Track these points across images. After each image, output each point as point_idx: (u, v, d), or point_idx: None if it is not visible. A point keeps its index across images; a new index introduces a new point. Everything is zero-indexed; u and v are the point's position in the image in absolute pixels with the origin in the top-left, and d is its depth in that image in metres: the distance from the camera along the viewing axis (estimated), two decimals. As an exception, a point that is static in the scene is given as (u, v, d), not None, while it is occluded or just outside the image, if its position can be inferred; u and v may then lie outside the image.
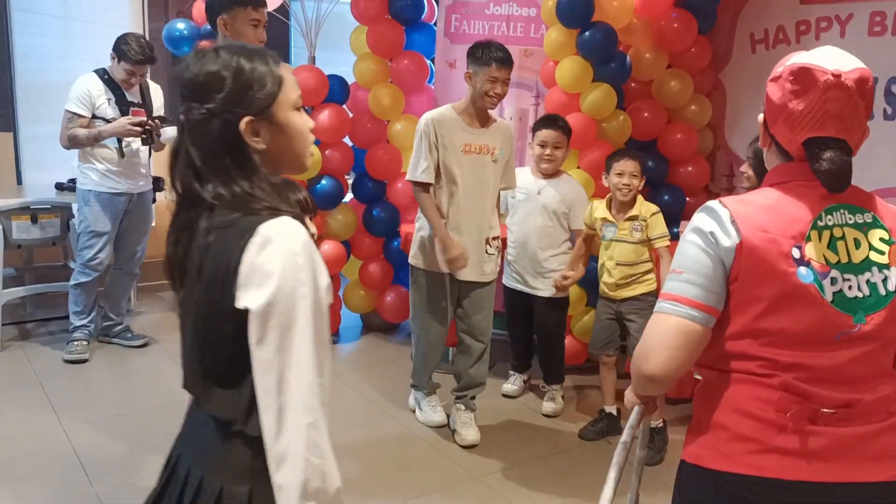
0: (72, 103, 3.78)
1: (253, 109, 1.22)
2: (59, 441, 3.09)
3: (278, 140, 1.25)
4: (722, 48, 4.15)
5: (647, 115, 3.91)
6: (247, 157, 1.22)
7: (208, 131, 1.21)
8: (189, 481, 1.28)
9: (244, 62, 1.23)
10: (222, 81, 1.21)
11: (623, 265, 3.21)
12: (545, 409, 3.56)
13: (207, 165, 1.22)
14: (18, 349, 4.01)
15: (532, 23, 4.10)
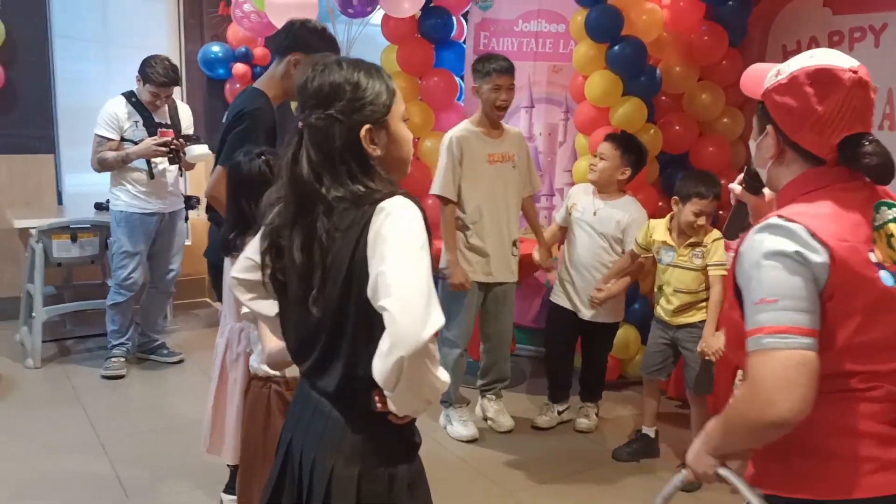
0: (100, 127, 3.87)
1: (371, 119, 1.34)
2: (97, 455, 3.14)
3: (390, 147, 1.38)
4: (753, 60, 4.08)
5: (678, 128, 3.88)
6: (366, 162, 1.34)
7: (330, 136, 1.33)
8: (304, 463, 1.41)
9: (364, 76, 1.36)
10: (345, 91, 1.34)
11: (682, 293, 3.06)
12: (579, 425, 3.51)
13: (327, 168, 1.33)
14: (58, 365, 4.09)
15: (561, 38, 4.12)
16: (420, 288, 1.22)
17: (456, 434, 3.40)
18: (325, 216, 1.32)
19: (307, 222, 1.34)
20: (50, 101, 4.72)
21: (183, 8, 5.10)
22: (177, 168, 3.98)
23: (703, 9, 3.74)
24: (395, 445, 1.41)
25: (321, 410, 1.40)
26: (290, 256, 1.36)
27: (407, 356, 1.18)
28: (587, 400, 3.56)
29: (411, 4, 3.92)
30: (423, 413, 1.37)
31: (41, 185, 4.73)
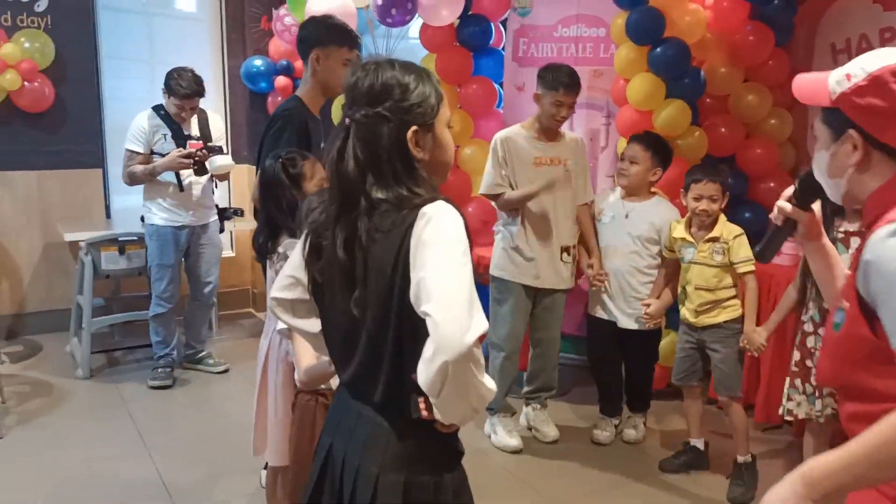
0: (129, 141, 3.90)
1: (419, 121, 1.35)
2: (145, 463, 3.17)
3: (435, 151, 1.39)
4: (801, 60, 4.01)
5: (724, 130, 3.79)
6: (410, 164, 1.35)
7: (377, 134, 1.33)
8: (346, 469, 1.40)
9: (415, 78, 1.36)
10: (395, 91, 1.34)
11: (702, 290, 3.00)
12: (627, 436, 3.43)
13: (372, 167, 1.33)
14: (107, 376, 4.17)
15: (601, 43, 4.07)
16: (462, 292, 1.22)
17: (500, 444, 3.36)
18: (367, 215, 1.32)
19: (349, 220, 1.34)
20: (98, 118, 4.84)
21: (225, 24, 5.20)
22: (206, 179, 3.98)
23: (747, 8, 3.66)
24: (440, 453, 1.40)
25: (365, 417, 1.39)
26: (332, 255, 1.36)
27: (451, 361, 1.17)
28: (634, 411, 3.48)
29: (449, 12, 3.93)
30: (469, 421, 1.34)
31: (90, 199, 4.84)
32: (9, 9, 4.46)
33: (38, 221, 4.73)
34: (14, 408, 3.69)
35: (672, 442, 3.36)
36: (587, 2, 4.09)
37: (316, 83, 2.73)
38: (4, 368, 4.11)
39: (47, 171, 4.72)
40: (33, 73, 4.45)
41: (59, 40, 4.58)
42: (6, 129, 4.57)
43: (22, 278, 4.74)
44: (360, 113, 1.33)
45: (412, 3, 3.79)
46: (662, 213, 3.26)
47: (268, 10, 5.15)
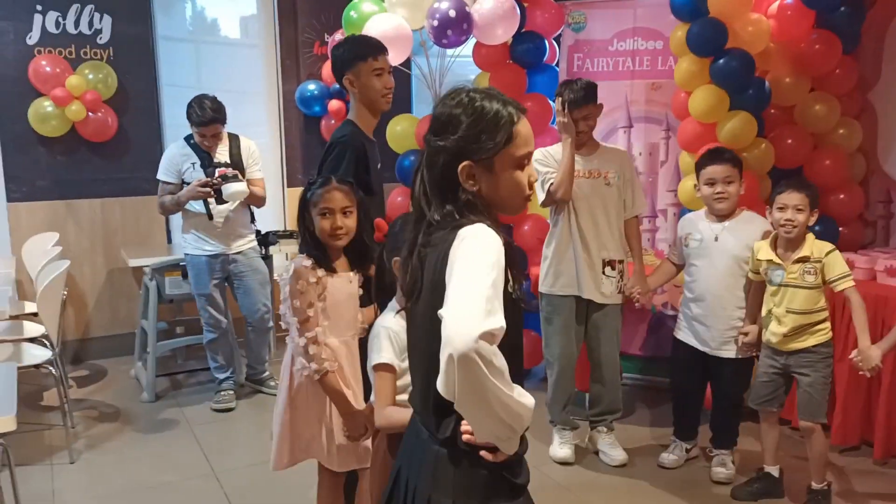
0: (160, 172, 3.95)
1: (475, 155, 1.37)
2: (212, 486, 3.19)
3: (491, 187, 1.40)
4: (869, 68, 3.88)
5: (791, 141, 3.69)
6: (457, 194, 1.39)
7: (436, 163, 1.39)
8: (408, 492, 1.43)
9: (482, 115, 1.37)
10: (457, 125, 1.38)
11: (795, 313, 2.80)
12: (717, 475, 3.18)
13: (432, 191, 1.41)
14: (171, 399, 4.22)
15: (659, 55, 4.01)
16: (475, 293, 1.22)
17: (552, 453, 3.36)
18: (425, 234, 1.40)
19: (415, 238, 1.43)
20: (159, 145, 4.94)
21: (280, 51, 5.28)
22: (232, 207, 3.93)
23: (812, 17, 3.56)
24: (494, 483, 1.37)
25: (423, 440, 1.42)
26: (404, 270, 1.48)
27: (456, 354, 1.16)
28: (721, 446, 3.24)
29: (504, 31, 3.91)
30: (510, 444, 1.31)
31: (151, 225, 4.94)
32: (73, 42, 4.61)
33: (102, 248, 4.84)
34: (83, 432, 3.75)
35: (748, 467, 3.24)
36: (644, 15, 4.05)
37: (360, 105, 2.71)
38: (72, 393, 4.19)
39: (111, 199, 4.83)
40: (97, 104, 4.57)
41: (120, 71, 4.71)
42: (72, 159, 4.70)
43: (87, 304, 4.85)
44: (427, 139, 1.42)
45: (467, 23, 3.78)
46: (755, 227, 3.05)
47: (320, 35, 5.22)
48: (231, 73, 5.29)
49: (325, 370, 2.20)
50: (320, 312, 2.23)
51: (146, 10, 4.83)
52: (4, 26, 4.45)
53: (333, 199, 2.25)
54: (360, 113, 2.73)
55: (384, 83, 2.68)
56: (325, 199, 2.25)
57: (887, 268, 3.33)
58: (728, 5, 3.41)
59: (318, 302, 2.22)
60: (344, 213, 2.25)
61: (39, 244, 4.33)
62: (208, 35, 5.33)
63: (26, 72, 4.46)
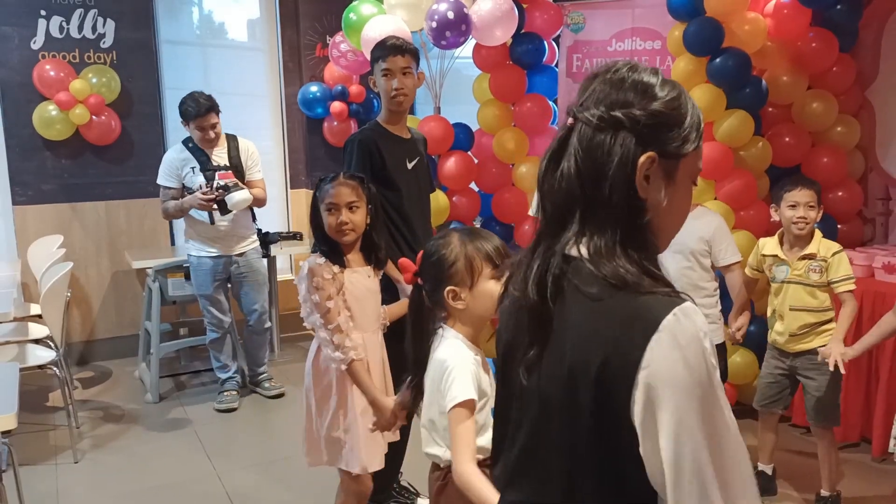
0: (160, 177, 3.97)
1: (665, 145, 1.00)
2: (214, 485, 3.22)
3: (664, 200, 1.02)
4: (867, 65, 3.89)
5: (789, 139, 3.70)
6: (626, 207, 0.99)
7: (603, 148, 0.99)
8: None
9: (682, 92, 1.03)
10: (654, 96, 1.00)
11: (799, 310, 2.79)
12: None
13: (585, 195, 1.02)
14: (174, 399, 4.25)
15: (657, 55, 4.03)
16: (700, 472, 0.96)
17: None
18: (562, 261, 1.07)
19: (545, 257, 1.12)
20: (162, 148, 4.97)
21: (282, 53, 5.32)
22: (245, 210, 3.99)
23: (809, 15, 3.57)
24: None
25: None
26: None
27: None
28: None
29: (503, 32, 3.93)
30: None
31: (155, 227, 4.98)
32: (77, 46, 4.65)
33: (107, 250, 4.88)
34: (87, 433, 3.79)
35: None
36: (642, 15, 4.07)
37: (385, 104, 2.79)
38: (77, 394, 4.23)
39: (115, 201, 4.87)
40: (100, 107, 4.62)
41: (124, 75, 4.75)
42: (76, 162, 4.75)
43: (92, 306, 4.89)
44: (585, 112, 1.00)
45: (466, 25, 3.80)
46: (709, 220, 3.07)
47: (322, 38, 5.25)
48: (234, 76, 5.33)
49: (351, 358, 2.21)
50: (342, 305, 2.24)
51: (149, 15, 4.88)
52: (9, 32, 4.50)
53: (339, 194, 2.27)
54: (382, 111, 2.83)
55: (393, 84, 2.71)
56: (330, 194, 2.27)
57: (885, 264, 3.34)
58: (725, 4, 3.42)
59: (336, 296, 2.23)
60: (350, 209, 2.26)
61: (44, 247, 4.37)
62: (211, 39, 5.37)
63: (31, 76, 4.51)
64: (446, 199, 4.07)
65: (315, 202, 2.32)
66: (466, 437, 1.55)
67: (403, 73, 2.71)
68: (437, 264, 1.70)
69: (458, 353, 1.67)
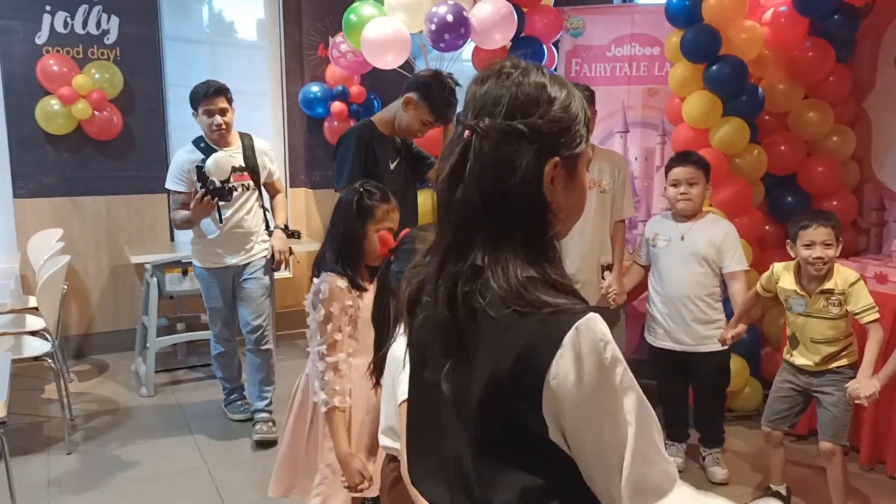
0: (170, 180, 3.55)
1: (565, 149, 1.01)
2: (204, 480, 3.24)
3: (566, 198, 1.03)
4: (864, 75, 3.90)
5: (784, 148, 3.72)
6: (532, 215, 1.01)
7: (505, 161, 0.99)
8: None
9: (566, 93, 1.02)
10: (551, 101, 1.00)
11: (821, 343, 2.75)
12: (716, 476, 3.18)
13: (487, 208, 1.03)
14: (169, 394, 4.28)
15: (655, 61, 4.05)
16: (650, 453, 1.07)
17: None
18: (470, 276, 1.08)
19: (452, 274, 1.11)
20: (164, 145, 5.02)
21: (284, 53, 5.35)
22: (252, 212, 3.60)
23: (806, 24, 3.60)
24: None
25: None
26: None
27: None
28: (711, 445, 3.26)
29: (502, 36, 3.96)
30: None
31: (155, 223, 5.01)
32: (80, 42, 4.69)
33: (107, 244, 4.91)
34: (81, 425, 3.82)
35: (736, 469, 3.24)
36: (641, 21, 4.09)
37: (394, 118, 2.91)
38: (73, 387, 4.26)
39: (115, 196, 4.91)
40: (103, 103, 4.65)
41: (127, 71, 4.79)
42: (77, 156, 4.78)
43: (90, 299, 4.92)
44: (484, 125, 0.98)
45: (465, 27, 3.83)
46: (720, 227, 3.12)
47: (325, 38, 5.28)
48: (237, 75, 5.34)
49: (334, 405, 2.08)
50: (348, 337, 2.12)
51: (154, 12, 4.92)
52: (14, 26, 4.54)
53: (395, 220, 2.13)
54: (387, 120, 2.92)
55: (422, 132, 2.97)
56: (391, 218, 2.13)
57: (877, 274, 3.35)
58: (722, 12, 3.45)
59: (346, 326, 2.11)
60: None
61: (44, 240, 4.41)
62: (214, 37, 5.41)
63: (34, 71, 4.54)
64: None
65: (360, 213, 2.12)
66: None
67: (438, 125, 2.97)
68: (412, 252, 1.63)
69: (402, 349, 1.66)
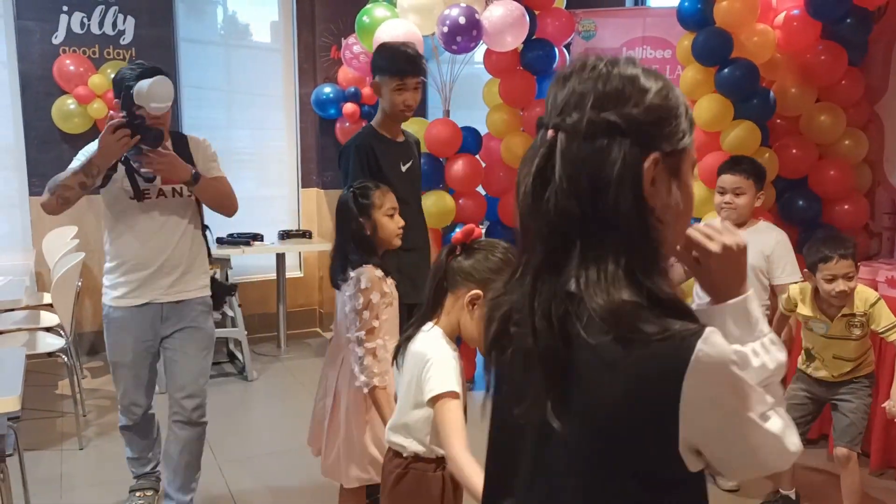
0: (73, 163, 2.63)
1: (666, 144, 0.91)
2: (215, 476, 3.26)
3: (672, 201, 0.92)
4: (877, 79, 3.89)
5: (796, 151, 3.71)
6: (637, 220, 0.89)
7: (597, 158, 0.90)
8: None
9: (663, 82, 0.93)
10: (644, 91, 0.91)
11: (842, 360, 2.72)
12: (726, 483, 3.11)
13: (585, 216, 0.92)
14: (180, 391, 4.31)
15: (667, 64, 4.06)
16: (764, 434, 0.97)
17: None
18: (563, 300, 0.99)
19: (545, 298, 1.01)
20: (177, 144, 5.06)
21: (298, 54, 5.39)
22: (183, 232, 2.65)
23: (818, 28, 3.58)
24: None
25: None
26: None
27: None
28: None
29: (514, 38, 3.97)
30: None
31: (168, 222, 5.05)
32: (97, 42, 4.75)
33: (120, 243, 4.95)
34: (94, 421, 3.86)
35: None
36: (653, 24, 4.10)
37: (381, 108, 2.83)
38: (86, 383, 4.31)
39: (129, 195, 4.95)
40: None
41: (142, 71, 4.83)
42: (93, 156, 4.83)
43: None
44: (570, 122, 0.89)
45: (477, 30, 3.85)
46: (771, 237, 2.97)
47: (338, 40, 5.32)
48: (250, 76, 5.41)
49: (374, 385, 2.16)
50: (386, 327, 2.20)
51: (169, 13, 4.96)
52: (31, 26, 4.60)
53: (393, 199, 2.26)
54: (380, 115, 2.85)
55: (404, 100, 2.73)
56: (388, 199, 2.26)
57: (888, 278, 3.34)
58: (734, 15, 3.44)
59: (383, 314, 2.20)
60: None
61: (59, 237, 4.46)
62: (229, 38, 5.46)
63: (51, 70, 4.60)
64: (452, 202, 4.11)
65: (360, 209, 2.24)
66: (455, 421, 1.59)
67: (415, 88, 2.75)
68: (485, 262, 1.63)
69: (438, 346, 1.69)
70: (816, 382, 2.81)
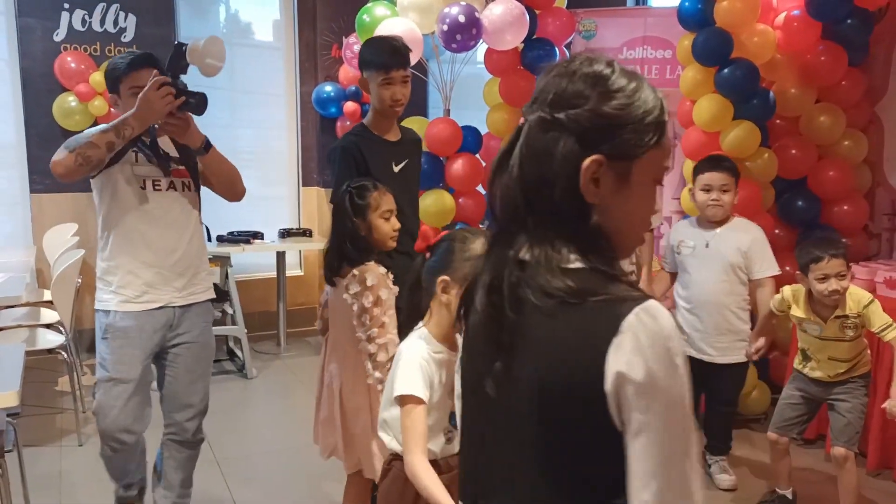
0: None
1: (610, 148, 0.94)
2: (214, 475, 3.27)
3: (618, 205, 0.95)
4: (877, 80, 3.89)
5: (795, 152, 3.71)
6: (573, 210, 0.95)
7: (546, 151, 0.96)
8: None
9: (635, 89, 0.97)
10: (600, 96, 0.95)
11: (837, 360, 2.74)
12: (724, 482, 3.13)
13: (529, 198, 0.99)
14: (180, 389, 4.32)
15: (667, 64, 4.06)
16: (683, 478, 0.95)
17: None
18: (514, 267, 1.04)
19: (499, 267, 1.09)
20: (178, 141, 5.07)
21: (299, 53, 5.40)
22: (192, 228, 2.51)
23: (819, 28, 3.58)
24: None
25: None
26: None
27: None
28: (718, 452, 3.22)
29: (513, 37, 3.97)
30: None
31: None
32: (98, 39, 4.76)
33: (121, 240, 4.96)
34: (93, 417, 3.86)
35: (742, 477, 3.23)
36: (653, 24, 4.10)
37: (371, 105, 2.72)
38: (86, 380, 4.31)
39: (130, 193, 4.96)
40: (119, 100, 4.71)
41: (144, 69, 4.84)
42: (94, 153, 4.84)
43: (104, 294, 4.97)
44: (530, 110, 0.98)
45: (476, 28, 3.85)
46: (747, 232, 3.04)
47: (339, 39, 5.33)
48: (252, 74, 5.42)
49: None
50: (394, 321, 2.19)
51: (170, 11, 4.97)
52: (33, 23, 4.61)
53: (391, 200, 2.23)
54: (371, 112, 2.73)
55: (392, 94, 2.60)
56: (385, 201, 2.22)
57: (887, 279, 3.34)
58: (734, 16, 3.44)
59: (391, 309, 2.19)
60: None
61: (60, 234, 4.47)
62: (230, 37, 5.46)
63: (52, 67, 4.61)
64: (452, 201, 4.12)
65: (356, 210, 2.20)
66: (414, 428, 1.60)
67: (403, 81, 2.63)
68: (449, 251, 1.67)
69: (412, 347, 1.70)
70: (813, 382, 2.81)
